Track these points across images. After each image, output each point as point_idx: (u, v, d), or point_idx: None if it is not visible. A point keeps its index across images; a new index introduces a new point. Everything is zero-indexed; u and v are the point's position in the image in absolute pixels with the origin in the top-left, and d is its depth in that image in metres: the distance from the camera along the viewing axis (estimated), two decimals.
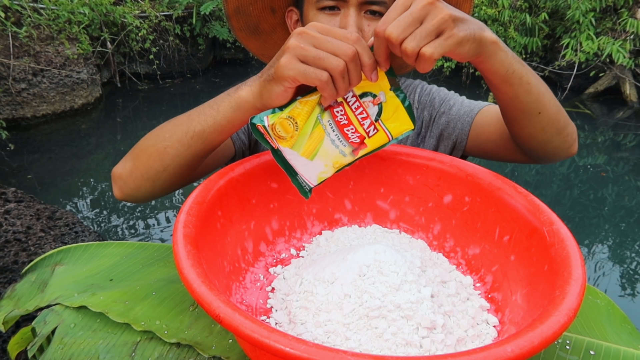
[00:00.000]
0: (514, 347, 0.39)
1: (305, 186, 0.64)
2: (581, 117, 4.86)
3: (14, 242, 1.59)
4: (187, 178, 0.75)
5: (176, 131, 0.69)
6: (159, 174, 0.71)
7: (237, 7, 0.88)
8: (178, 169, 0.71)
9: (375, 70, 0.58)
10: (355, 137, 0.61)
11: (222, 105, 0.65)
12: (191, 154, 0.69)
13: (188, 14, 5.49)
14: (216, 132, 0.67)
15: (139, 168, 0.72)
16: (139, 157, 0.72)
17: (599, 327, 0.67)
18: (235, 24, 0.91)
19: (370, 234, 0.75)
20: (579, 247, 0.53)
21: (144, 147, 0.72)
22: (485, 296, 0.64)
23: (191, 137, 0.67)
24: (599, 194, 3.39)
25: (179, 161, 0.70)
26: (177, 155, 0.69)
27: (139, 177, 0.72)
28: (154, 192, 0.74)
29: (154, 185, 0.72)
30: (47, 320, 0.65)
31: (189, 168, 0.72)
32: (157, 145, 0.70)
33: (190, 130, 0.67)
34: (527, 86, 0.65)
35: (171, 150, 0.69)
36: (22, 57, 3.97)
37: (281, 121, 0.58)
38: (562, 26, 5.24)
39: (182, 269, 0.46)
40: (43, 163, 3.58)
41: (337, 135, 0.61)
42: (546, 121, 0.70)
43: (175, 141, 0.69)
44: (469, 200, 0.70)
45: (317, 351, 0.37)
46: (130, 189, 0.74)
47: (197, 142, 0.68)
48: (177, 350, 0.58)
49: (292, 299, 0.59)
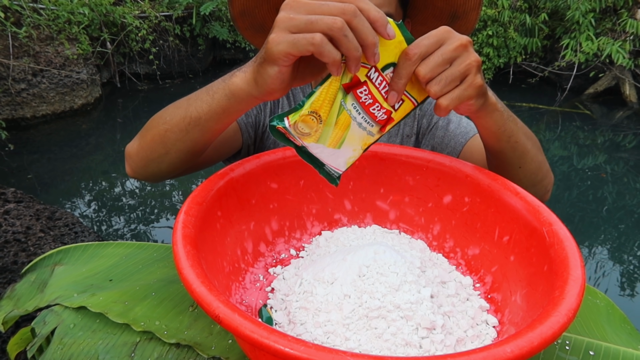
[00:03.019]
0: (514, 347, 0.39)
1: (334, 174, 0.60)
2: (581, 118, 4.86)
3: (13, 242, 1.59)
4: (191, 162, 0.73)
5: (175, 115, 0.67)
6: (161, 157, 0.70)
7: (243, 9, 0.88)
8: (179, 154, 0.69)
9: (388, 24, 0.50)
10: (382, 114, 0.56)
11: (217, 93, 0.61)
12: (190, 140, 0.67)
13: (188, 14, 5.49)
14: (212, 120, 0.64)
15: (144, 149, 0.72)
16: (144, 137, 0.72)
17: (599, 327, 0.67)
18: (241, 24, 0.91)
19: (370, 235, 0.75)
20: (578, 248, 0.53)
21: (149, 128, 0.72)
22: (484, 296, 0.64)
23: (188, 123, 0.65)
24: (599, 195, 3.40)
25: (180, 146, 0.68)
26: (177, 140, 0.67)
27: (145, 158, 0.72)
28: (161, 173, 0.73)
29: (159, 166, 0.72)
30: (46, 321, 0.65)
31: (191, 153, 0.70)
32: (159, 128, 0.69)
33: (188, 115, 0.65)
34: (514, 144, 0.68)
35: (171, 134, 0.67)
36: (21, 57, 3.97)
37: (303, 119, 0.53)
38: (562, 27, 5.25)
39: (181, 269, 0.46)
40: (43, 163, 3.58)
41: (363, 117, 0.56)
42: (523, 174, 0.73)
43: (174, 125, 0.67)
44: (469, 200, 0.70)
45: (316, 352, 0.37)
46: (139, 167, 0.74)
47: (194, 128, 0.65)
48: (176, 350, 0.58)
49: (291, 300, 0.59)
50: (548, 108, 5.09)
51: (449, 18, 0.89)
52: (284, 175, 0.73)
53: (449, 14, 0.87)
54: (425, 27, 0.93)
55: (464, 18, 0.87)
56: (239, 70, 0.59)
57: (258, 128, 0.94)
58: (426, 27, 0.92)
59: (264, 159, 0.71)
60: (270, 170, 0.71)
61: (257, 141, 0.95)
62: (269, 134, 0.96)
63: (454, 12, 0.87)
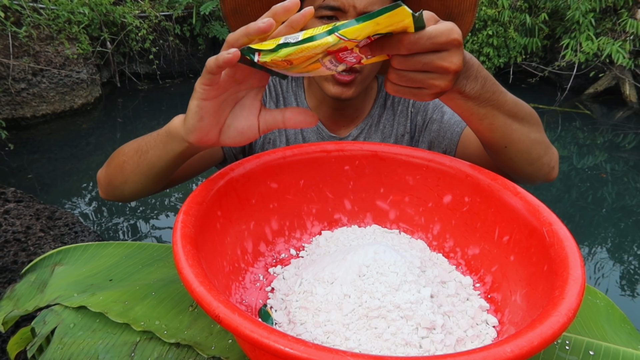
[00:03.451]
0: (514, 347, 0.39)
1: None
2: (581, 118, 4.86)
3: (13, 242, 1.59)
4: (154, 189, 0.76)
5: (131, 147, 0.72)
6: (122, 185, 0.74)
7: (235, 7, 0.88)
8: (137, 185, 0.73)
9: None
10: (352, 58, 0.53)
11: (160, 131, 0.65)
12: (142, 174, 0.70)
13: (188, 14, 5.49)
14: (157, 158, 0.66)
15: (108, 175, 0.77)
16: (109, 165, 0.78)
17: (599, 327, 0.68)
18: (233, 22, 0.91)
19: (370, 234, 0.75)
20: (578, 248, 0.53)
21: (112, 157, 0.77)
22: (484, 296, 0.64)
23: (139, 157, 0.69)
24: (599, 195, 3.39)
25: (134, 178, 0.71)
26: (132, 172, 0.71)
27: (109, 184, 0.77)
28: (125, 197, 0.77)
29: (122, 192, 0.76)
30: (46, 321, 0.65)
31: (148, 183, 0.72)
32: (119, 159, 0.74)
33: (139, 149, 0.69)
34: (488, 126, 0.65)
35: (127, 166, 0.72)
36: (21, 57, 3.97)
37: (274, 61, 0.50)
38: (562, 26, 5.25)
39: (181, 269, 0.46)
40: (43, 163, 3.58)
41: (332, 62, 0.52)
42: (514, 154, 0.70)
43: (129, 157, 0.71)
44: (469, 200, 0.70)
45: (316, 351, 0.37)
46: (106, 191, 0.80)
47: (142, 162, 0.69)
48: (176, 350, 0.58)
49: (291, 299, 0.59)
50: (548, 108, 5.09)
51: (445, 18, 0.88)
52: (284, 174, 0.73)
53: (444, 15, 0.87)
54: None
55: (460, 19, 0.87)
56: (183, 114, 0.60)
57: None
58: None
59: (264, 158, 0.71)
60: (270, 170, 0.71)
61: (245, 148, 0.96)
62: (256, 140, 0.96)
63: (449, 13, 0.86)
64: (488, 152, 0.74)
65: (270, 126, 0.60)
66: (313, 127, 0.92)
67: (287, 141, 0.97)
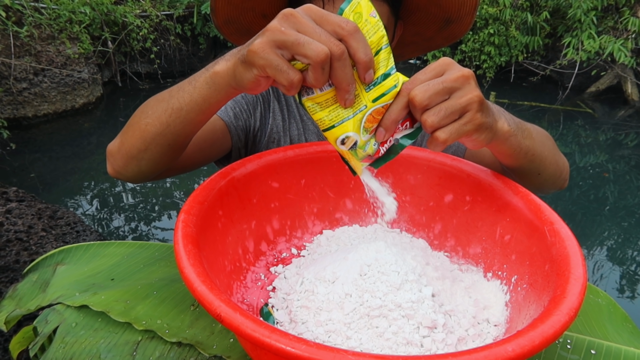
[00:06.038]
0: (515, 346, 0.39)
1: None
2: (582, 116, 4.85)
3: (15, 241, 1.59)
4: (172, 159, 0.72)
5: (157, 108, 0.66)
6: (141, 153, 0.68)
7: (227, 18, 0.86)
8: (160, 149, 0.68)
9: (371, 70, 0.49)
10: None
11: (198, 81, 0.60)
12: (171, 133, 0.66)
13: (189, 13, 5.49)
14: (194, 110, 0.62)
15: (125, 145, 0.70)
16: (125, 133, 0.71)
17: (600, 326, 0.67)
18: (226, 31, 0.89)
19: (371, 234, 0.75)
20: (579, 247, 0.53)
21: (130, 124, 0.70)
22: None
23: (169, 115, 0.64)
24: (600, 194, 3.39)
25: (160, 140, 0.67)
26: (157, 134, 0.66)
27: (125, 155, 0.70)
28: (141, 171, 0.72)
29: (139, 164, 0.70)
30: (48, 320, 0.65)
31: (172, 148, 0.69)
32: (140, 123, 0.68)
33: (169, 107, 0.63)
34: (531, 158, 0.67)
35: (151, 128, 0.66)
36: (23, 56, 3.97)
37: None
38: (564, 25, 5.24)
39: (183, 268, 0.47)
40: (44, 162, 3.59)
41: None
42: (544, 178, 0.74)
43: (155, 119, 0.65)
44: (470, 199, 0.70)
45: (317, 350, 0.37)
46: (119, 166, 0.73)
47: (175, 120, 0.64)
48: (178, 349, 0.58)
49: (293, 298, 0.59)
50: (550, 107, 5.08)
51: (443, 22, 0.88)
52: (285, 174, 0.73)
53: (443, 19, 0.87)
54: (418, 28, 0.92)
55: (459, 22, 0.87)
56: (222, 59, 0.58)
57: (248, 132, 0.93)
58: (419, 27, 0.91)
59: (265, 158, 0.71)
60: (271, 169, 0.71)
61: (248, 144, 0.95)
62: (260, 139, 0.96)
63: (448, 18, 0.86)
64: (517, 177, 0.74)
65: None
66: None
67: (290, 141, 0.97)
